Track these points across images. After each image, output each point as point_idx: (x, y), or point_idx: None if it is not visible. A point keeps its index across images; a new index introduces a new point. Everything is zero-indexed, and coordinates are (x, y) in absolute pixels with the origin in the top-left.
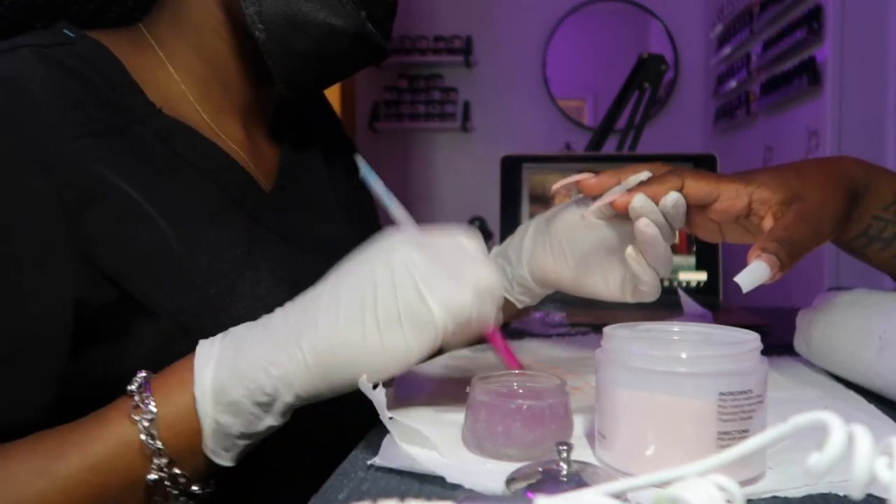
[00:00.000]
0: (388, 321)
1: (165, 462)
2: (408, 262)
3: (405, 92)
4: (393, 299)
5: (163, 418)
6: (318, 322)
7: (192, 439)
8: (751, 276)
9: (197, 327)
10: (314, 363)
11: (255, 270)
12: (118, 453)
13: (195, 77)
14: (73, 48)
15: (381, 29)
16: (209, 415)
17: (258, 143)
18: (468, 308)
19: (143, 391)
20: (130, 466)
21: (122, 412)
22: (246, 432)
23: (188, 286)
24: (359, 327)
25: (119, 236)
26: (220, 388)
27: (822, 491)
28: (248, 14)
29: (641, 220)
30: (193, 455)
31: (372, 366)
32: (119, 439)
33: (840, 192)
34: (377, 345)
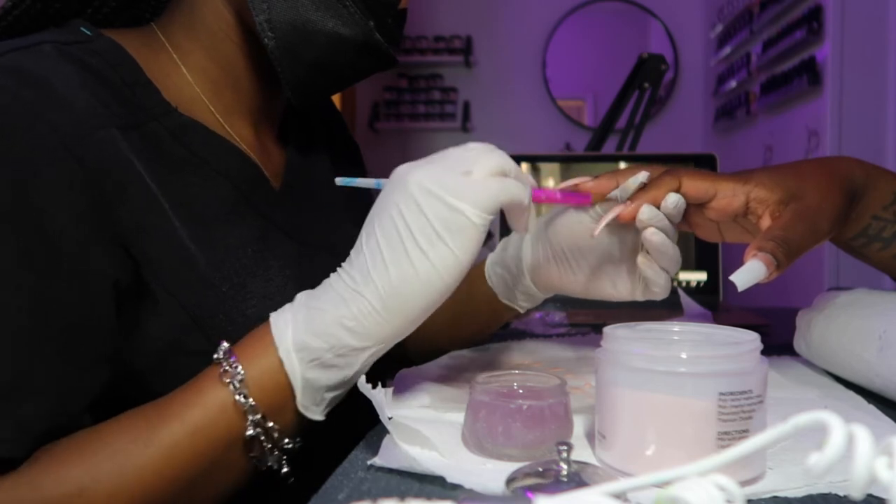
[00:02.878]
0: (429, 242)
1: (259, 417)
2: (421, 180)
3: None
4: (424, 220)
5: (251, 379)
6: (369, 271)
7: (281, 396)
8: (747, 274)
9: (210, 324)
10: (382, 307)
11: (266, 269)
12: (216, 415)
13: (207, 78)
14: (90, 46)
15: (389, 36)
16: (297, 372)
17: (266, 144)
18: (494, 195)
19: (228, 357)
20: (228, 426)
21: (212, 378)
22: (333, 385)
23: (203, 283)
24: (406, 259)
25: (145, 227)
26: (302, 347)
27: (822, 491)
28: (258, 22)
29: (648, 230)
30: (283, 411)
31: (433, 288)
32: (215, 402)
33: (838, 192)
34: (429, 267)
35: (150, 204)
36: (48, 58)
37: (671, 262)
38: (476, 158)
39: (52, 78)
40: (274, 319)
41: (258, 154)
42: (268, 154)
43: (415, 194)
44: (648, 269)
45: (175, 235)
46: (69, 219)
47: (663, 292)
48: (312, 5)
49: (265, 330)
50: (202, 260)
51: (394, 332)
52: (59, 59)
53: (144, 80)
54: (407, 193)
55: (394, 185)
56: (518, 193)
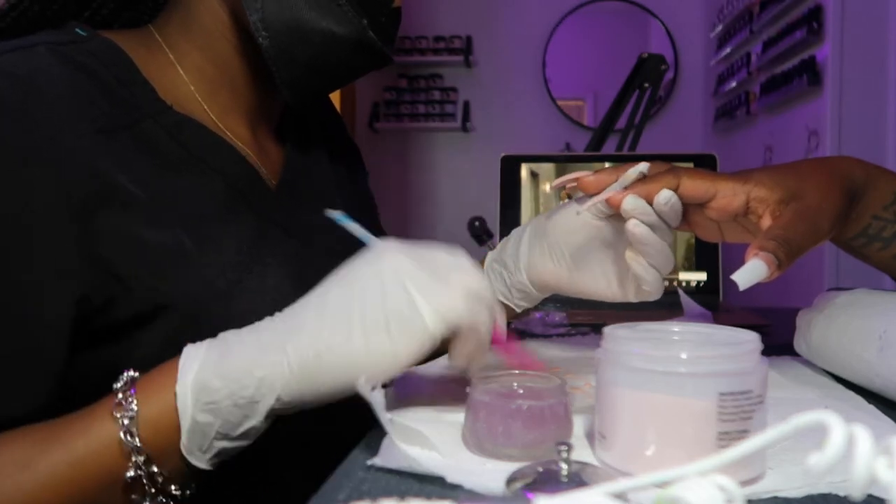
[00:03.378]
0: (375, 327)
1: (143, 460)
2: (398, 267)
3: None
4: (380, 305)
5: (144, 416)
6: (304, 326)
7: (172, 438)
8: (748, 274)
9: (205, 321)
10: (298, 367)
11: (262, 265)
12: (99, 449)
13: (203, 78)
14: (85, 46)
15: (384, 35)
16: (188, 413)
17: (264, 143)
18: (459, 312)
19: (127, 389)
20: (110, 463)
21: (105, 409)
22: (223, 433)
23: (196, 281)
24: (344, 332)
25: (127, 233)
26: (201, 387)
27: (822, 491)
28: (252, 21)
29: (630, 221)
30: (174, 454)
31: (357, 371)
32: (100, 436)
33: (838, 192)
34: (361, 351)
35: (139, 208)
36: (40, 60)
37: (660, 259)
38: (458, 271)
39: (42, 81)
40: (185, 352)
41: (255, 153)
42: (265, 153)
43: (384, 276)
44: (636, 265)
45: (167, 235)
46: (38, 230)
47: (655, 291)
48: (306, 4)
49: (173, 364)
50: (196, 257)
51: (299, 398)
52: (52, 60)
53: (140, 79)
54: (376, 271)
55: (369, 257)
56: (481, 323)
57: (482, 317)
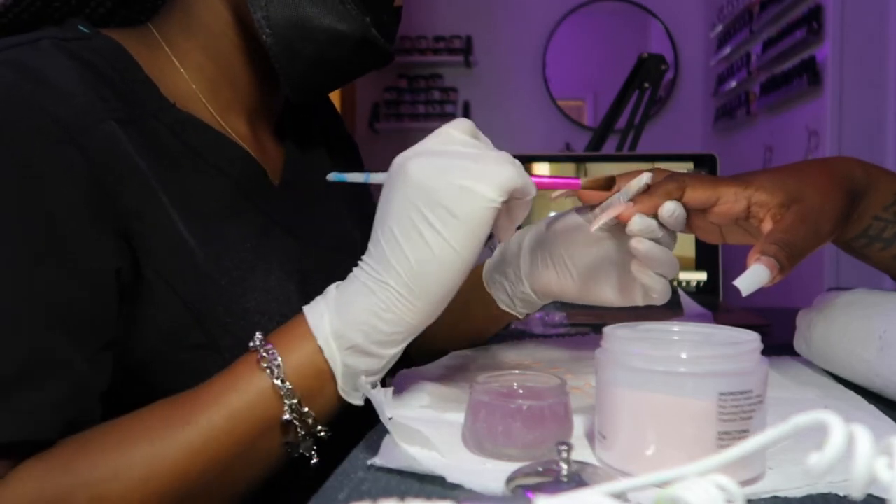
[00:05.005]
0: (442, 221)
1: (296, 402)
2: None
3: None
4: (433, 201)
5: (289, 365)
6: (389, 259)
7: (319, 382)
8: (750, 279)
9: (210, 317)
10: (408, 292)
11: (266, 263)
12: (254, 399)
13: (204, 76)
14: (88, 43)
15: (385, 33)
16: (337, 359)
17: (264, 141)
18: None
19: (266, 345)
20: (265, 410)
21: (250, 365)
22: (370, 370)
23: (202, 277)
24: (422, 243)
25: (144, 219)
26: (339, 335)
27: (822, 491)
28: (256, 18)
29: (634, 239)
30: (319, 397)
31: (453, 268)
32: (253, 386)
33: (839, 193)
34: (446, 248)
35: (150, 197)
36: (47, 53)
37: (666, 268)
38: (483, 152)
39: (51, 72)
40: (308, 311)
41: (256, 151)
42: (266, 151)
43: (421, 180)
44: (644, 276)
45: (174, 228)
46: (73, 207)
47: (662, 298)
48: (310, 1)
49: (299, 321)
50: (200, 253)
51: (423, 315)
52: (58, 54)
53: (142, 76)
54: (412, 180)
55: (397, 172)
56: (529, 183)
57: (525, 175)
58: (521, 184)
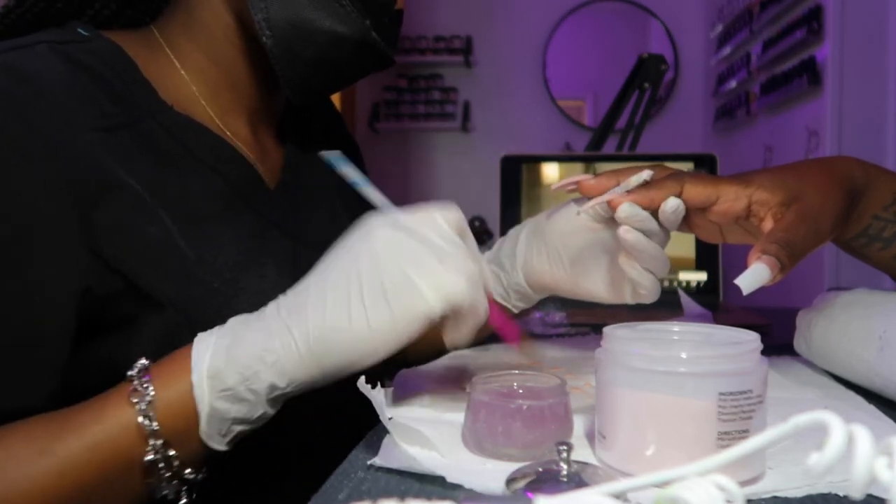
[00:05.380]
0: (375, 304)
1: (161, 443)
2: (389, 241)
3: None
4: (377, 278)
5: (160, 401)
6: (306, 309)
7: (188, 423)
8: (751, 278)
9: (201, 320)
10: (305, 349)
11: (260, 266)
12: (117, 434)
13: (205, 78)
14: (87, 45)
15: (386, 36)
16: (206, 400)
17: (264, 143)
18: (461, 291)
19: (143, 376)
20: (128, 447)
21: (121, 396)
22: (241, 418)
23: (193, 279)
24: (345, 310)
25: (127, 229)
26: (216, 375)
27: (822, 491)
28: (256, 20)
29: (622, 227)
30: (189, 439)
31: (362, 348)
32: (118, 421)
33: (839, 192)
34: (364, 326)
35: (136, 205)
36: (42, 58)
37: (654, 263)
38: (452, 253)
39: (44, 79)
40: (197, 341)
41: (255, 153)
42: (265, 153)
43: (379, 252)
44: (630, 269)
45: (165, 233)
46: (41, 224)
47: (650, 295)
48: (310, 4)
49: (185, 352)
50: (192, 256)
51: (309, 378)
52: (53, 58)
53: (141, 78)
54: (371, 249)
55: (363, 232)
56: (481, 304)
57: (480, 296)
58: (468, 303)
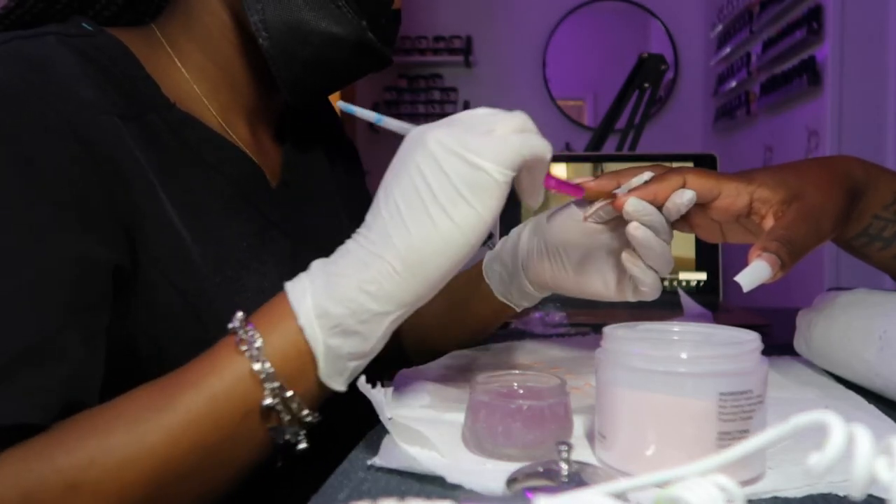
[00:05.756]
0: (451, 201)
1: (277, 386)
2: (441, 139)
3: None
4: (444, 178)
5: (270, 346)
6: (389, 232)
7: (302, 364)
8: (752, 275)
9: (206, 312)
10: (403, 269)
11: (260, 263)
12: (233, 383)
13: (205, 77)
14: (91, 40)
15: (383, 36)
16: (319, 339)
17: (264, 142)
18: (516, 151)
19: (246, 325)
20: (246, 394)
21: (229, 348)
22: (355, 353)
23: (195, 273)
24: (427, 220)
25: (144, 213)
26: (323, 314)
27: (822, 491)
28: (253, 22)
29: (632, 224)
30: (304, 380)
31: (456, 248)
32: (232, 370)
33: (840, 191)
34: (451, 225)
35: (149, 192)
36: (51, 46)
37: (659, 261)
38: (497, 118)
39: (57, 65)
40: (290, 287)
41: (255, 152)
42: (265, 152)
43: (435, 153)
44: (633, 267)
45: (171, 224)
46: (77, 198)
47: (652, 292)
48: (306, 5)
49: (282, 298)
50: (196, 250)
51: (416, 296)
52: (62, 48)
53: (144, 74)
54: (426, 152)
55: (412, 144)
56: (540, 148)
57: (538, 143)
58: (528, 155)
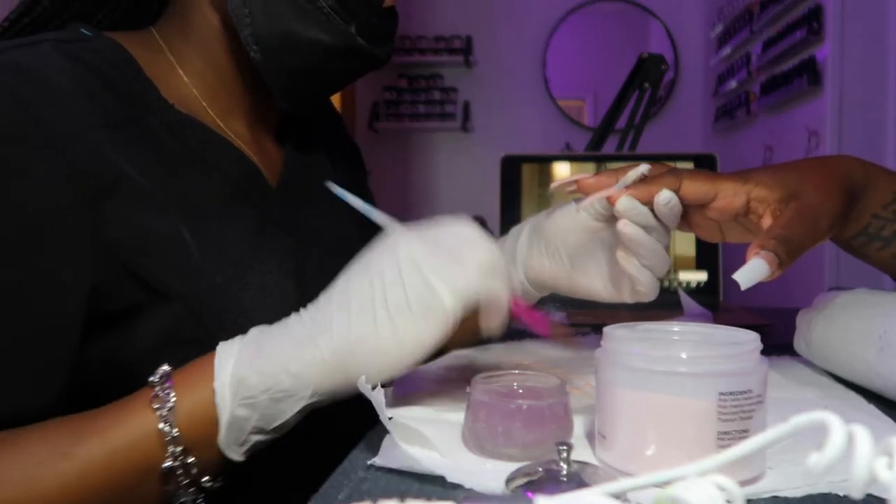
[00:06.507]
0: (399, 312)
1: (180, 450)
2: (412, 253)
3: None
4: (401, 290)
5: (181, 408)
6: (332, 321)
7: (208, 430)
8: (750, 273)
9: (207, 316)
10: (331, 360)
11: (263, 263)
12: (137, 439)
13: (203, 81)
14: (89, 44)
15: (376, 36)
16: (227, 408)
17: (264, 143)
18: (474, 287)
19: (165, 382)
20: (147, 453)
21: (142, 401)
22: (260, 427)
23: (198, 275)
24: (371, 321)
25: (134, 223)
26: (239, 382)
27: (822, 491)
28: (243, 36)
29: (621, 221)
30: (208, 447)
31: (388, 358)
32: (138, 426)
33: (838, 190)
34: (390, 337)
35: (141, 200)
36: (46, 55)
37: (653, 260)
38: (468, 249)
39: (49, 75)
40: (220, 349)
41: (255, 153)
42: (265, 153)
43: (400, 261)
44: (628, 265)
45: (170, 227)
46: (51, 218)
47: (649, 292)
48: (293, 16)
49: (208, 360)
50: (197, 251)
51: (334, 387)
52: (57, 56)
53: (143, 77)
54: (394, 258)
55: (386, 245)
56: (497, 293)
57: (498, 287)
58: (485, 296)
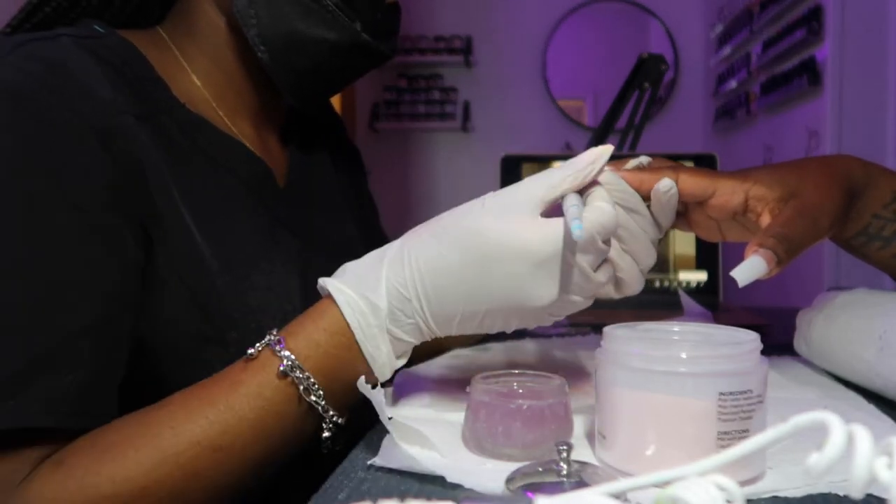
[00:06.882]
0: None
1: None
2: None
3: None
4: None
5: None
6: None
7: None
8: (748, 270)
9: (216, 311)
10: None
11: (269, 262)
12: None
13: (211, 81)
14: (103, 41)
15: (381, 32)
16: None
17: (270, 144)
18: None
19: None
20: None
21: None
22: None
23: (206, 271)
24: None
25: (159, 212)
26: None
27: (822, 491)
28: (250, 37)
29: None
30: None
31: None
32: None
33: (838, 190)
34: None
35: (163, 190)
36: (66, 48)
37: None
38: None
39: (73, 66)
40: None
41: (262, 153)
42: (271, 154)
43: None
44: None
45: (183, 223)
46: (98, 198)
47: (630, 281)
48: (298, 15)
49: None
50: (207, 250)
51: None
52: (77, 49)
53: (154, 75)
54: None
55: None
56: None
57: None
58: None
